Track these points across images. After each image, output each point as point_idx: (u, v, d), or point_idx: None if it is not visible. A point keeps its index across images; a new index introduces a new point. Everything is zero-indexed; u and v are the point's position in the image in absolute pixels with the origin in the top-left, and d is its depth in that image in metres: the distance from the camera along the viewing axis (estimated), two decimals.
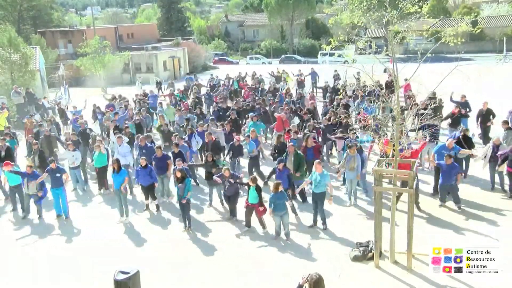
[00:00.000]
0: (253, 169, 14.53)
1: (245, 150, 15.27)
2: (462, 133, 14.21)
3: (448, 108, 17.68)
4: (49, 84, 36.68)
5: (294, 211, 12.15)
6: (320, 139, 15.87)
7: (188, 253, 10.83)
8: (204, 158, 13.68)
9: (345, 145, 13.53)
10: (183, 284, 9.63)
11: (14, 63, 28.73)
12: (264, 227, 11.55)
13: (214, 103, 22.27)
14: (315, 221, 11.67)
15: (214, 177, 12.17)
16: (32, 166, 13.18)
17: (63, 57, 45.46)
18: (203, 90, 26.40)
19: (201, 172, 15.09)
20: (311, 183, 11.64)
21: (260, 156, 15.90)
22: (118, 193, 12.60)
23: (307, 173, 12.85)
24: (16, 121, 21.98)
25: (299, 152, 13.03)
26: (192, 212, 12.46)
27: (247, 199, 11.44)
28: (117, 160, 12.80)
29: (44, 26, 55.35)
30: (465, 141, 13.81)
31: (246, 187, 11.57)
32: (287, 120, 17.60)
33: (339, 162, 13.56)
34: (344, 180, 13.73)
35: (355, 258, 9.98)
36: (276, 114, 17.94)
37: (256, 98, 21.72)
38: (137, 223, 12.54)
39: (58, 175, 12.90)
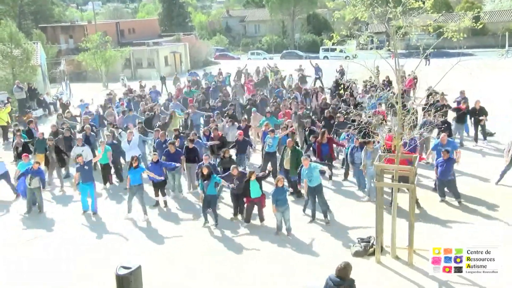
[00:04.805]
0: (270, 165, 14.00)
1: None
2: None
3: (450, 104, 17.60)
4: (51, 80, 36.67)
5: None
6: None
7: (189, 249, 10.84)
8: (221, 154, 13.50)
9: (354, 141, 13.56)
10: (183, 279, 9.65)
11: (15, 58, 28.68)
12: (262, 219, 11.59)
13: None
14: (313, 215, 11.69)
15: (222, 180, 11.89)
16: (40, 163, 13.09)
17: (64, 52, 45.39)
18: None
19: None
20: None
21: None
22: (133, 189, 12.26)
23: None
24: (18, 116, 21.95)
25: (297, 147, 13.01)
26: (196, 208, 12.46)
27: (249, 194, 11.42)
28: (136, 157, 12.49)
29: (45, 21, 55.24)
30: None
31: (245, 182, 11.41)
32: (288, 112, 17.60)
33: (345, 156, 13.61)
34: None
35: (357, 254, 9.99)
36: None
37: (261, 93, 21.68)
38: (140, 219, 12.46)
39: (86, 167, 12.69)
